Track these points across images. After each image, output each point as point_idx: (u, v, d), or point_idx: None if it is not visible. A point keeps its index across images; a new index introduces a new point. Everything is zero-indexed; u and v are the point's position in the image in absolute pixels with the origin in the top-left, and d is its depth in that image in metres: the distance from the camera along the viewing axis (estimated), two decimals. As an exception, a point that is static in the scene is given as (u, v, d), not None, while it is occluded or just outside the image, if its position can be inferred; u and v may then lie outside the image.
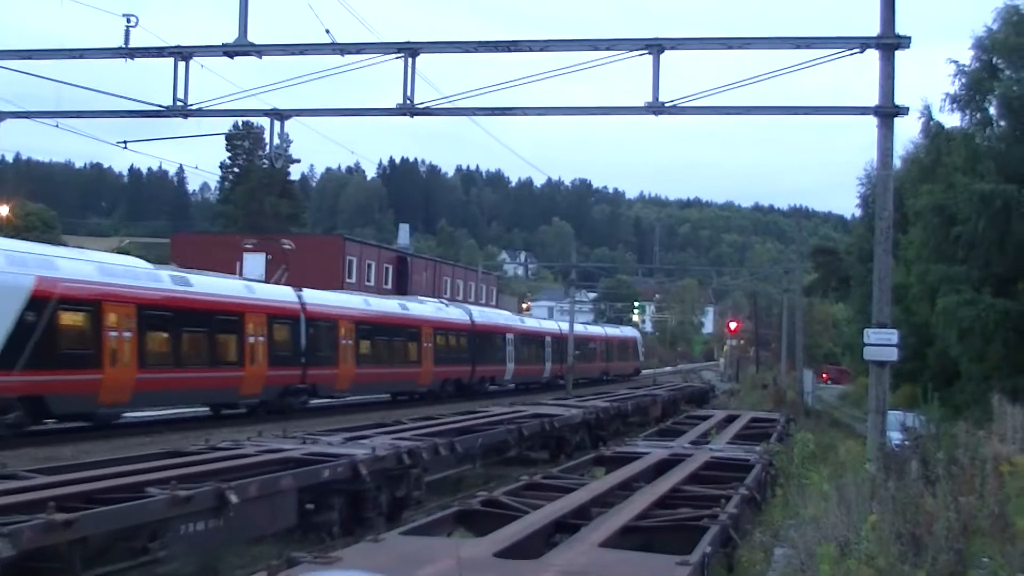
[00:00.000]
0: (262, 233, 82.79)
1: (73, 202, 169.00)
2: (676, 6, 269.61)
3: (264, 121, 21.74)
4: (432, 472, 17.41)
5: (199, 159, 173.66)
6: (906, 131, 46.86)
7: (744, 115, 20.09)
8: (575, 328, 67.56)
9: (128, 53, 20.23)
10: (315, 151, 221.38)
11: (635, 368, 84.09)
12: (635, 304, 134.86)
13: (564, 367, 59.32)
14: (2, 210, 69.84)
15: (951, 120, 36.50)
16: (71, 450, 21.52)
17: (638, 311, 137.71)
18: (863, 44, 17.39)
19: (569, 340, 59.23)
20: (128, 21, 20.07)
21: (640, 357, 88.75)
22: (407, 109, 19.45)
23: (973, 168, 33.27)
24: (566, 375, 57.29)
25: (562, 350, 60.77)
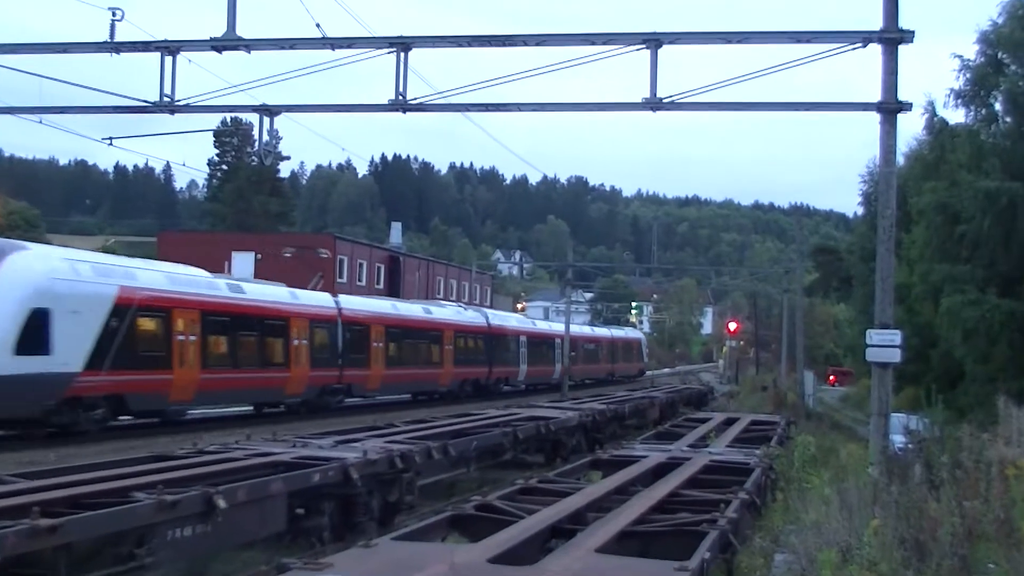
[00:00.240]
0: (251, 231, 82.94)
1: (57, 200, 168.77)
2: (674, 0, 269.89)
3: (253, 117, 21.65)
4: (425, 476, 17.41)
5: (186, 156, 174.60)
6: (909, 127, 47.18)
7: (744, 111, 20.16)
8: (583, 330, 74.10)
9: (113, 47, 20.17)
10: (305, 148, 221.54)
11: (640, 369, 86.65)
12: (632, 304, 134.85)
13: (575, 368, 63.07)
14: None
15: (955, 116, 36.62)
16: (55, 454, 21.53)
17: (635, 311, 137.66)
18: (865, 38, 17.38)
19: (565, 341, 59.77)
20: (113, 15, 19.96)
21: (644, 358, 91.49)
22: (399, 105, 19.42)
23: (978, 165, 33.32)
24: (563, 376, 58.05)
25: (573, 352, 63.66)
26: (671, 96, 18.48)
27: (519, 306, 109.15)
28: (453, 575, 7.65)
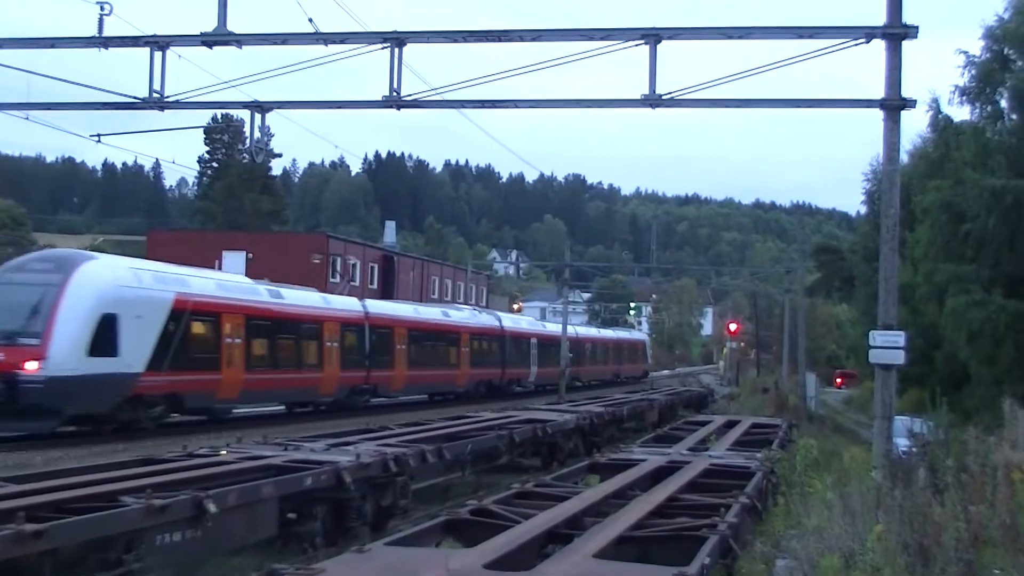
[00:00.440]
0: (242, 230, 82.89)
1: (44, 198, 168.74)
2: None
3: (244, 114, 21.74)
4: (419, 480, 17.42)
5: (176, 153, 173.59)
6: (913, 125, 47.21)
7: (744, 108, 20.12)
8: (590, 332, 78.08)
9: (102, 42, 20.13)
10: (297, 145, 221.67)
11: (644, 370, 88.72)
12: (631, 305, 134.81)
13: (582, 369, 67.07)
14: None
15: (960, 113, 36.49)
16: (41, 457, 21.51)
17: (634, 312, 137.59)
18: (869, 34, 17.39)
19: (563, 343, 60.28)
20: (102, 9, 19.94)
21: (648, 360, 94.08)
22: (393, 101, 19.42)
23: (983, 163, 33.27)
24: (560, 378, 58.39)
25: (580, 353, 67.83)
26: (670, 93, 18.49)
27: (515, 307, 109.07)
28: (448, 581, 7.64)
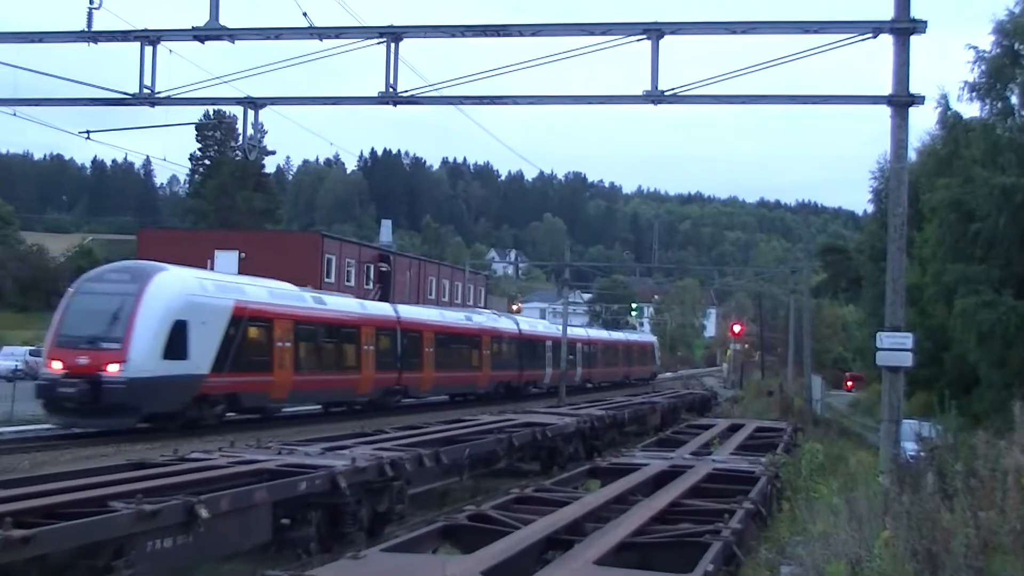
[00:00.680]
0: (235, 229, 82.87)
1: (31, 196, 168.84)
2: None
3: (237, 110, 21.65)
4: (416, 484, 17.42)
5: (167, 150, 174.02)
6: (922, 122, 47.24)
7: (749, 104, 20.11)
8: (601, 334, 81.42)
9: (91, 37, 20.12)
10: (291, 142, 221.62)
11: (652, 372, 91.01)
12: (632, 305, 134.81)
13: (594, 371, 71.27)
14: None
15: (970, 110, 36.48)
16: (29, 461, 21.50)
17: (635, 313, 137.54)
18: (876, 29, 17.39)
19: (562, 344, 60.34)
20: (91, 2, 19.91)
21: (656, 362, 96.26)
22: (390, 97, 19.41)
23: (993, 161, 33.26)
24: (558, 380, 58.73)
25: (592, 355, 71.38)
26: (673, 89, 18.49)
27: (514, 307, 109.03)
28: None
